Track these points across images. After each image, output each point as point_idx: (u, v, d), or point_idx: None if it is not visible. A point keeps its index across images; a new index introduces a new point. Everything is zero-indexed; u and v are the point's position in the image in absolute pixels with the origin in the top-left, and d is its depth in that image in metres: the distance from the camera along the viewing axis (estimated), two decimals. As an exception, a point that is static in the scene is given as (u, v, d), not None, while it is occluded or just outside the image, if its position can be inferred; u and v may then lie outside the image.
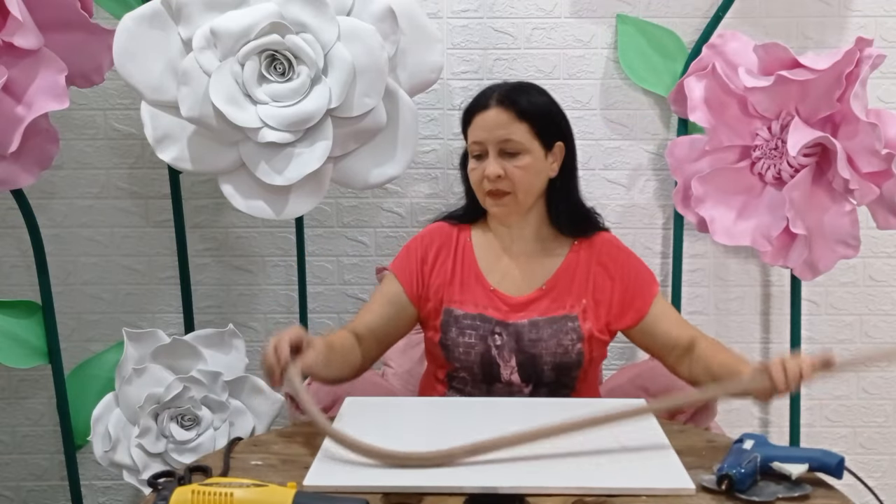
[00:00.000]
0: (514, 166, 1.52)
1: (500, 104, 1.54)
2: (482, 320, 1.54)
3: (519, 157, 1.53)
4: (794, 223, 1.84)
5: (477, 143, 1.55)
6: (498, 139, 1.52)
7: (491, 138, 1.53)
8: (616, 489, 1.10)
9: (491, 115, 1.53)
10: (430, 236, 1.64)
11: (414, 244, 1.64)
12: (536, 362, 1.53)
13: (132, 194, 2.29)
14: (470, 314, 1.55)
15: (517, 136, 1.52)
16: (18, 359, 1.98)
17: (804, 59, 1.80)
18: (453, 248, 1.62)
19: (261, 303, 2.34)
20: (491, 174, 1.52)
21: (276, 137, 1.70)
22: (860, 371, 2.34)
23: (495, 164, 1.52)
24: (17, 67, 1.73)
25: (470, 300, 1.57)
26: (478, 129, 1.54)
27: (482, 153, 1.54)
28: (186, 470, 1.18)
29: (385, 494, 1.10)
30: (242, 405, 1.97)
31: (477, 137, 1.55)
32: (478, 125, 1.55)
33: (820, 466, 1.14)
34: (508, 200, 1.54)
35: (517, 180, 1.53)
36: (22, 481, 2.40)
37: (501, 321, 1.54)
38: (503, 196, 1.53)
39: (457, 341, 1.55)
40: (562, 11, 2.21)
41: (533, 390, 1.56)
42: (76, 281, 2.31)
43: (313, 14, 1.68)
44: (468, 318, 1.55)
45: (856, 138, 1.80)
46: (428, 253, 1.61)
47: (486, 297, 1.57)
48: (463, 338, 1.54)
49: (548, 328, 1.53)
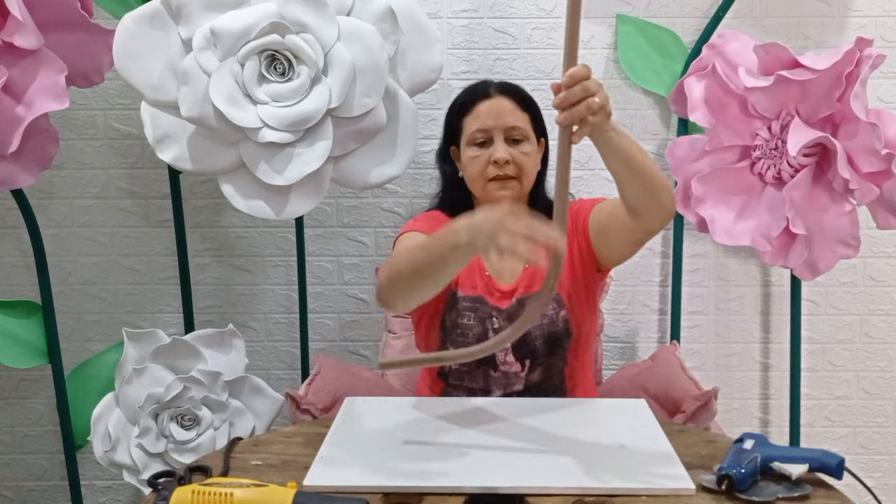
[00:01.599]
0: (520, 152, 1.56)
1: (502, 93, 1.59)
2: (480, 302, 1.56)
3: (523, 144, 1.57)
4: (794, 223, 1.84)
5: (482, 130, 1.57)
6: (506, 125, 1.56)
7: (499, 125, 1.56)
8: (616, 489, 1.10)
9: (497, 103, 1.57)
10: (432, 217, 1.66)
11: (420, 218, 1.65)
12: (528, 339, 1.54)
13: (132, 194, 2.29)
14: (469, 296, 1.57)
15: (522, 124, 1.58)
16: (18, 359, 1.98)
17: (804, 59, 1.80)
18: None
19: (261, 303, 2.34)
20: (500, 159, 1.54)
21: (276, 137, 1.70)
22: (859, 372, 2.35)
23: (504, 148, 1.55)
24: (17, 67, 1.73)
25: (469, 282, 1.59)
26: (483, 117, 1.57)
27: (486, 140, 1.57)
28: (186, 470, 1.18)
29: (385, 494, 1.10)
30: (242, 405, 1.98)
31: (483, 125, 1.57)
32: (483, 112, 1.57)
33: (820, 467, 1.13)
34: (514, 185, 1.57)
35: (523, 165, 1.56)
36: (22, 481, 2.40)
37: (496, 306, 1.56)
38: (509, 181, 1.56)
39: (455, 322, 1.56)
40: (562, 11, 2.21)
41: (529, 371, 1.56)
42: (76, 281, 2.31)
43: (313, 14, 1.68)
44: (467, 301, 1.57)
45: (856, 138, 1.80)
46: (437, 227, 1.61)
47: (482, 280, 1.59)
48: (462, 319, 1.56)
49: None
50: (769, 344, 2.34)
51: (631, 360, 2.31)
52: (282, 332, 2.35)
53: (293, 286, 2.30)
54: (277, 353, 2.36)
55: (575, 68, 1.15)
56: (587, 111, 1.16)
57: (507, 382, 1.56)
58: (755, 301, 2.33)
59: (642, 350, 2.32)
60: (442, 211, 1.68)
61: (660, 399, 1.78)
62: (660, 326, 2.33)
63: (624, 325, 2.33)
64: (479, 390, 1.58)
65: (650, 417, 1.37)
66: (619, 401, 1.55)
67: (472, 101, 1.60)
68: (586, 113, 1.16)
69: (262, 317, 2.34)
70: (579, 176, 2.26)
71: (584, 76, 1.16)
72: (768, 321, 2.33)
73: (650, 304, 2.32)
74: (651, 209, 1.39)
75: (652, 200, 1.37)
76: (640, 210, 1.40)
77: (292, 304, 2.32)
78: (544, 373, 1.57)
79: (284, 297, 2.33)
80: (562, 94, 1.16)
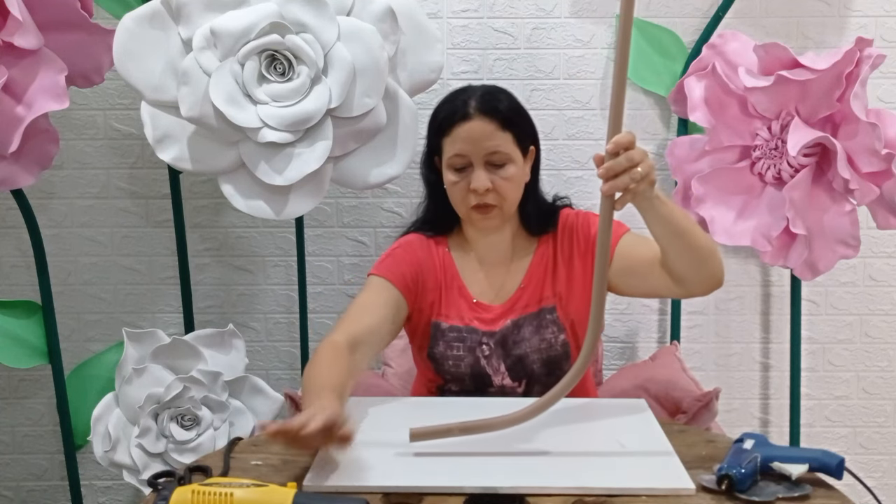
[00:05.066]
0: (502, 178, 1.47)
1: (482, 113, 1.46)
2: (469, 332, 1.53)
3: (505, 168, 1.47)
4: (794, 223, 1.84)
5: (460, 155, 1.47)
6: (485, 151, 1.46)
7: (477, 151, 1.46)
8: (616, 489, 1.10)
9: (476, 126, 1.46)
10: (412, 247, 1.57)
11: (400, 252, 1.56)
12: (525, 362, 1.52)
13: (132, 194, 2.29)
14: (456, 326, 1.53)
15: (504, 147, 1.47)
16: (18, 359, 1.98)
17: (804, 59, 1.80)
18: (435, 261, 1.57)
19: (261, 303, 2.34)
20: (480, 188, 1.45)
21: (276, 137, 1.70)
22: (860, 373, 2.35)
23: (484, 177, 1.46)
24: (17, 67, 1.73)
25: (455, 313, 1.54)
26: (460, 142, 1.46)
27: (465, 165, 1.48)
28: (186, 470, 1.18)
29: (385, 494, 1.10)
30: (242, 405, 1.98)
31: (460, 150, 1.47)
32: (460, 137, 1.46)
33: (820, 467, 1.13)
34: (496, 214, 1.49)
35: (505, 192, 1.48)
36: (22, 481, 2.40)
37: (487, 331, 1.53)
38: (491, 209, 1.48)
39: (445, 354, 1.53)
40: (562, 11, 2.21)
41: (526, 389, 1.55)
42: (76, 281, 2.31)
43: (313, 14, 1.68)
44: (454, 331, 1.53)
45: (856, 138, 1.80)
46: (416, 262, 1.55)
47: (469, 309, 1.55)
48: (451, 350, 1.53)
49: (528, 325, 1.52)
50: (769, 344, 2.34)
51: (631, 360, 2.31)
52: (282, 332, 2.35)
53: (293, 286, 2.30)
54: (277, 353, 2.36)
55: (620, 136, 1.15)
56: (630, 181, 1.16)
57: (505, 396, 1.55)
58: (755, 301, 2.33)
59: (642, 350, 2.32)
60: (424, 233, 1.60)
61: (660, 399, 1.78)
62: (660, 326, 2.33)
63: (624, 325, 2.33)
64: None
65: (650, 417, 1.37)
66: (619, 401, 1.55)
67: (451, 122, 1.48)
68: (629, 183, 1.16)
69: (262, 317, 2.34)
70: (579, 176, 2.26)
71: (629, 144, 1.15)
72: (768, 321, 2.33)
73: (650, 304, 2.32)
74: (698, 279, 1.36)
75: (699, 270, 1.34)
76: (685, 279, 1.36)
77: (292, 304, 2.32)
78: (542, 391, 1.55)
79: (284, 297, 2.33)
80: (607, 163, 1.16)
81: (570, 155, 2.26)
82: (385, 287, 1.51)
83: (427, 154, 1.58)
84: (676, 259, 1.34)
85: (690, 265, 1.34)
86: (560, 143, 2.23)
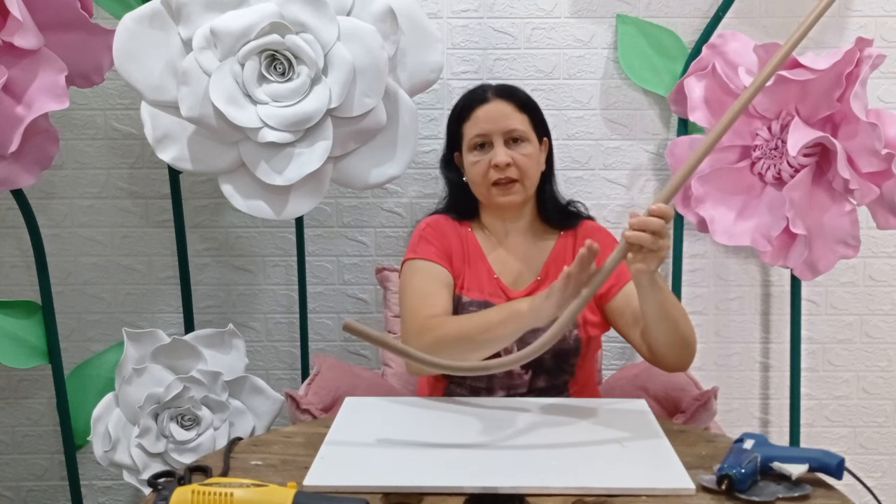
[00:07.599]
0: (521, 154, 1.58)
1: (499, 97, 1.61)
2: (486, 307, 1.55)
3: (523, 145, 1.59)
4: (794, 223, 1.84)
5: (481, 134, 1.59)
6: (504, 129, 1.58)
7: (497, 128, 1.58)
8: (616, 489, 1.10)
9: (494, 107, 1.60)
10: (439, 224, 1.67)
11: (430, 231, 1.65)
12: None
13: (132, 194, 2.29)
14: (476, 301, 1.57)
15: (521, 125, 1.59)
16: (18, 359, 1.98)
17: (804, 59, 1.79)
18: (461, 237, 1.65)
19: (261, 303, 2.34)
20: (501, 162, 1.56)
21: (276, 137, 1.70)
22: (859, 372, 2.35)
23: (504, 151, 1.57)
24: (17, 67, 1.73)
25: (476, 286, 1.59)
26: (481, 122, 1.59)
27: (486, 144, 1.59)
28: (186, 470, 1.18)
29: (385, 494, 1.10)
30: (242, 405, 1.98)
31: (481, 129, 1.59)
32: (480, 117, 1.60)
33: (820, 467, 1.13)
34: (517, 188, 1.59)
35: (524, 167, 1.58)
36: (22, 481, 2.40)
37: None
38: (512, 184, 1.58)
39: None
40: (562, 11, 2.21)
41: (532, 377, 1.56)
42: (76, 281, 2.31)
43: (313, 14, 1.68)
44: (473, 305, 1.57)
45: (856, 138, 1.80)
46: (445, 239, 1.64)
47: (490, 283, 1.60)
48: None
49: None
50: (769, 344, 2.34)
51: (631, 360, 2.31)
52: (282, 332, 2.35)
53: (293, 286, 2.30)
54: (277, 353, 2.36)
55: (668, 207, 1.24)
56: (652, 244, 1.25)
57: (511, 384, 1.57)
58: (755, 301, 2.33)
59: (642, 350, 2.32)
60: (448, 215, 1.69)
61: (660, 399, 1.78)
62: (660, 326, 2.32)
63: (624, 325, 2.33)
64: (482, 389, 1.58)
65: (650, 417, 1.37)
66: (619, 401, 1.55)
67: (471, 107, 1.62)
68: (650, 244, 1.24)
69: (262, 317, 2.34)
70: (579, 176, 2.26)
71: (669, 218, 1.24)
72: (768, 321, 2.34)
73: (650, 304, 2.32)
74: (668, 360, 1.45)
75: (672, 353, 1.43)
76: (659, 355, 1.45)
77: (292, 304, 2.32)
78: (549, 381, 1.57)
79: (284, 297, 2.33)
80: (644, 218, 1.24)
81: (570, 155, 2.26)
82: (434, 268, 1.59)
83: (446, 151, 1.69)
84: (658, 336, 1.42)
85: (667, 346, 1.42)
86: (560, 142, 2.23)
